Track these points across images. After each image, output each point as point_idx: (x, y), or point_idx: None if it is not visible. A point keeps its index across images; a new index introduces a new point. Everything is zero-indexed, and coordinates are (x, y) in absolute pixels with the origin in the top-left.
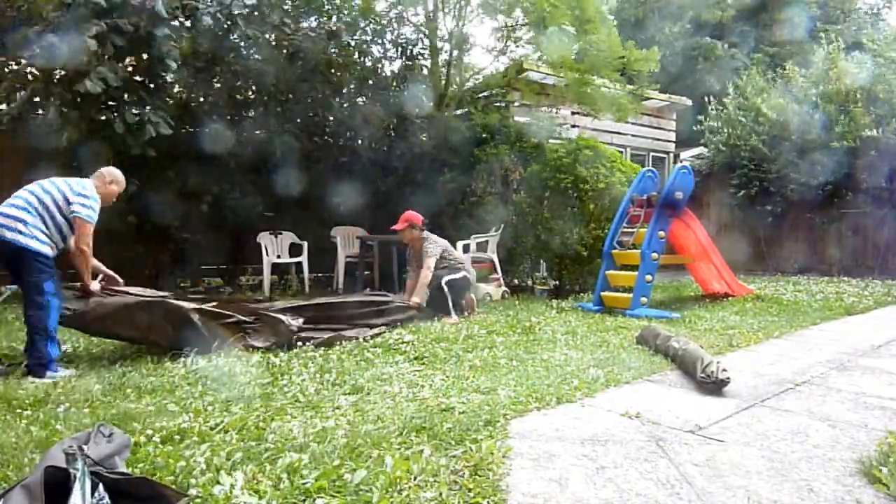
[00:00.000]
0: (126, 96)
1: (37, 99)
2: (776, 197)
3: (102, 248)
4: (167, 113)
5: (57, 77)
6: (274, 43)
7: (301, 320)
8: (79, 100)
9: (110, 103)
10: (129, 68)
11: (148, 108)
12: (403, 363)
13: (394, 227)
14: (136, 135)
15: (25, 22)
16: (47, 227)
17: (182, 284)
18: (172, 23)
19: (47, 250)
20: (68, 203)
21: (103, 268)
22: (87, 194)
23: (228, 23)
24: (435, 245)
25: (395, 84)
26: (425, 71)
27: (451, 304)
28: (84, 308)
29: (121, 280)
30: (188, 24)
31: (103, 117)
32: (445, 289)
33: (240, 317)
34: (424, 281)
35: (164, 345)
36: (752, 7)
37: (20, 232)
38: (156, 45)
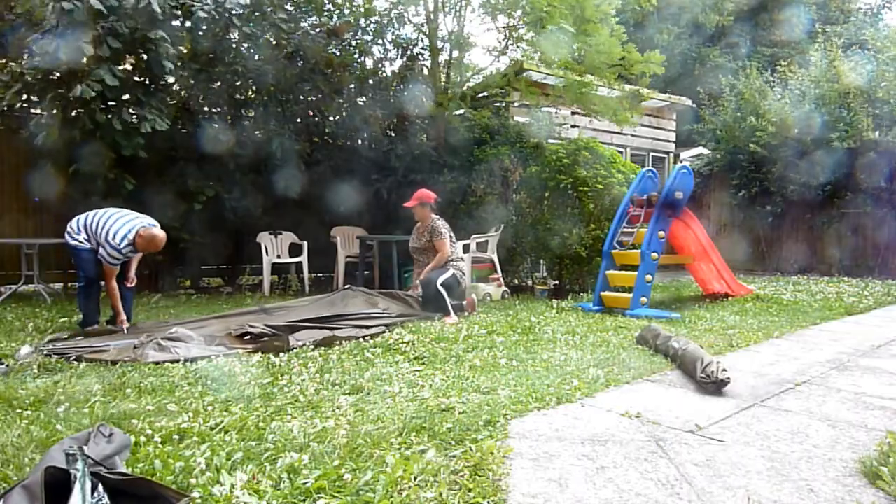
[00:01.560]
0: (125, 97)
1: (35, 99)
2: (776, 197)
3: None
4: (165, 113)
5: (54, 78)
6: (274, 42)
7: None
8: (72, 102)
9: (110, 104)
10: (130, 67)
11: (145, 108)
12: (403, 363)
13: (406, 204)
14: (131, 136)
15: (25, 24)
16: (89, 240)
17: (182, 284)
18: (173, 23)
19: (85, 247)
20: (97, 242)
21: (120, 309)
22: (112, 243)
23: (226, 19)
24: (444, 227)
25: (395, 84)
26: (425, 71)
27: (449, 305)
28: (72, 353)
29: (125, 326)
30: (187, 24)
31: (105, 117)
32: (442, 291)
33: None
34: (439, 262)
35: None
36: (751, 7)
37: (71, 236)
38: (152, 47)
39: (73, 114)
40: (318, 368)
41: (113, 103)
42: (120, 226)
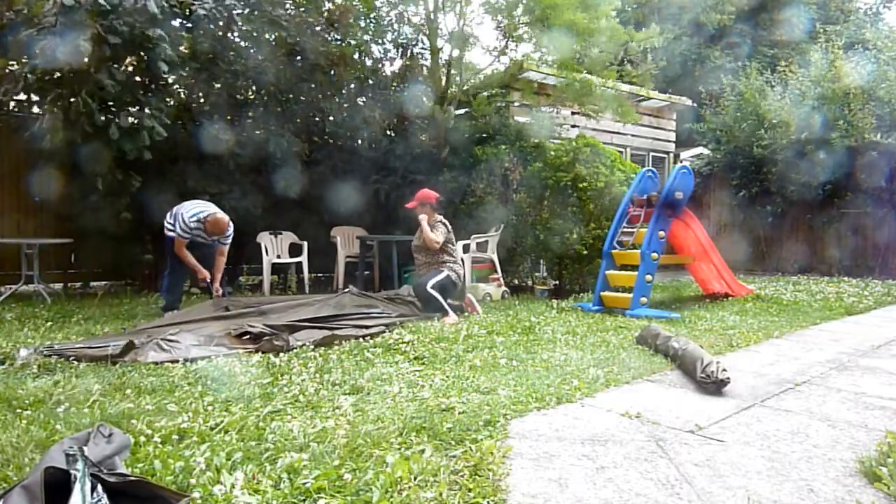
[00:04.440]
0: (127, 98)
1: (35, 98)
2: (776, 197)
3: (103, 247)
4: (165, 114)
5: (54, 78)
6: (274, 41)
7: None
8: (72, 105)
9: (110, 105)
10: (131, 68)
11: (147, 110)
12: (403, 363)
13: (408, 205)
14: (134, 139)
15: (26, 23)
16: (174, 224)
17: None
18: (172, 22)
19: (172, 236)
20: (175, 220)
21: (198, 267)
22: (185, 217)
23: (226, 18)
24: (445, 227)
25: (395, 84)
26: (425, 71)
27: (445, 305)
28: (72, 353)
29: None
30: (188, 24)
31: (103, 118)
32: (434, 293)
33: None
34: (432, 237)
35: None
36: (751, 7)
37: (167, 227)
38: (150, 47)
39: (74, 117)
40: (318, 368)
41: (112, 104)
42: (196, 209)
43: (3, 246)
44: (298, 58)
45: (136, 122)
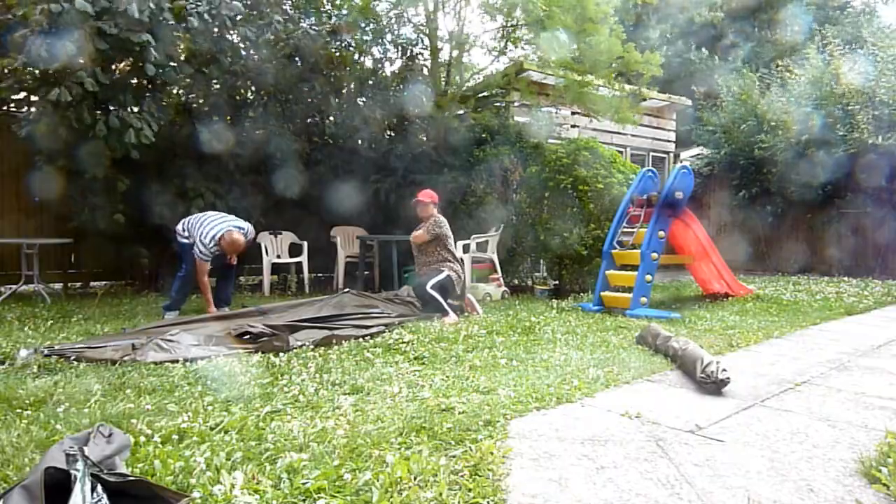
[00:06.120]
0: (120, 98)
1: (35, 99)
2: (776, 197)
3: (102, 247)
4: (160, 116)
5: (47, 76)
6: (273, 42)
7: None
8: (57, 101)
9: (108, 104)
10: (128, 68)
11: (145, 109)
12: (403, 363)
13: (416, 199)
14: (120, 138)
15: (22, 23)
16: (190, 238)
17: None
18: (170, 22)
19: (188, 243)
20: (194, 240)
21: (210, 300)
22: (203, 241)
23: (217, 23)
24: (444, 227)
25: (395, 84)
26: (425, 71)
27: (445, 305)
28: (71, 353)
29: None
30: (183, 25)
31: (92, 118)
32: (434, 293)
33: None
34: (417, 232)
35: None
36: (749, 8)
37: (179, 236)
38: (136, 49)
39: (62, 113)
40: (318, 368)
41: (109, 103)
42: (210, 228)
43: (3, 246)
44: (298, 59)
45: (120, 122)
